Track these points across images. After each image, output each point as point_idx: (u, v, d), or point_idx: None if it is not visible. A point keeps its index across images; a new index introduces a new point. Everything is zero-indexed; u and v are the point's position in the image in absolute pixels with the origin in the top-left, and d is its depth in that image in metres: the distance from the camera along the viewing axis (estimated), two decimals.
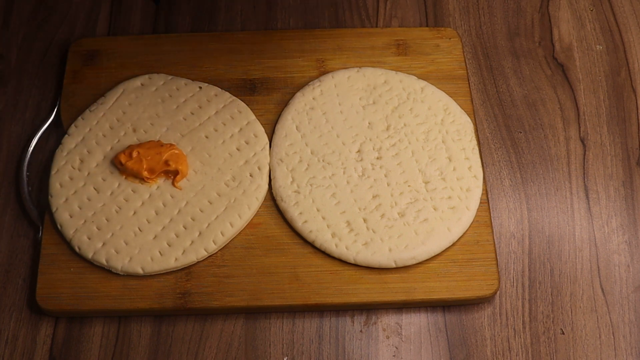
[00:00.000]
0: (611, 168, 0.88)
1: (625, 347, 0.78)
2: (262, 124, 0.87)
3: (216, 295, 0.78)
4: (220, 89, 0.89)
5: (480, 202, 0.82)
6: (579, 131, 0.90)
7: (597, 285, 0.81)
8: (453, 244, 0.80)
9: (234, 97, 0.89)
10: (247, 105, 0.88)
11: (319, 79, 0.90)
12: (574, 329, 0.79)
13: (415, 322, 0.79)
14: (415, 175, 0.83)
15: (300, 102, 0.88)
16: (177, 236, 0.80)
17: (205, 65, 0.91)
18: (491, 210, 0.84)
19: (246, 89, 0.90)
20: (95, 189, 0.83)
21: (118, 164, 0.83)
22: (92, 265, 0.79)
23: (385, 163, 0.84)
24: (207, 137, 0.86)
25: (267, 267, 0.79)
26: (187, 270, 0.79)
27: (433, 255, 0.79)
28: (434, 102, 0.88)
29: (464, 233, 0.81)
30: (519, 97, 0.92)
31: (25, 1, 0.98)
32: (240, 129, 0.87)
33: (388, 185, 0.83)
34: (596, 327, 0.79)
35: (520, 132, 0.90)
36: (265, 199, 0.83)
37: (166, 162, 0.82)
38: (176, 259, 0.79)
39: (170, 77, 0.90)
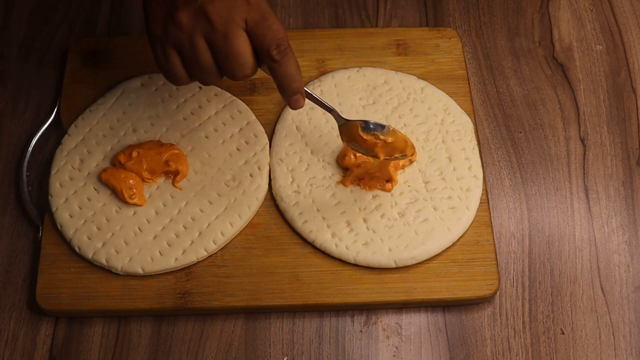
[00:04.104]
0: (611, 168, 0.88)
1: (625, 347, 0.78)
2: (262, 124, 0.87)
3: (216, 295, 0.78)
4: (220, 89, 0.89)
5: (480, 202, 0.82)
6: (579, 131, 0.90)
7: (597, 285, 0.81)
8: (453, 244, 0.80)
9: (234, 97, 0.89)
10: (247, 105, 0.88)
11: (319, 79, 0.90)
12: (574, 329, 0.79)
13: (415, 322, 0.79)
14: (415, 175, 0.83)
15: None
16: (177, 236, 0.80)
17: None
18: (491, 210, 0.84)
19: (246, 89, 0.90)
20: (95, 188, 0.83)
21: (118, 164, 0.83)
22: (92, 265, 0.79)
23: None
24: (207, 137, 0.86)
25: (267, 267, 0.79)
26: (187, 270, 0.79)
27: (433, 255, 0.79)
28: (434, 102, 0.88)
29: (464, 233, 0.81)
30: (519, 97, 0.92)
31: (25, 1, 0.98)
32: (240, 129, 0.86)
33: None
34: (596, 327, 0.79)
35: (520, 132, 0.90)
36: (265, 199, 0.83)
37: (166, 162, 0.82)
38: (176, 259, 0.79)
39: None
